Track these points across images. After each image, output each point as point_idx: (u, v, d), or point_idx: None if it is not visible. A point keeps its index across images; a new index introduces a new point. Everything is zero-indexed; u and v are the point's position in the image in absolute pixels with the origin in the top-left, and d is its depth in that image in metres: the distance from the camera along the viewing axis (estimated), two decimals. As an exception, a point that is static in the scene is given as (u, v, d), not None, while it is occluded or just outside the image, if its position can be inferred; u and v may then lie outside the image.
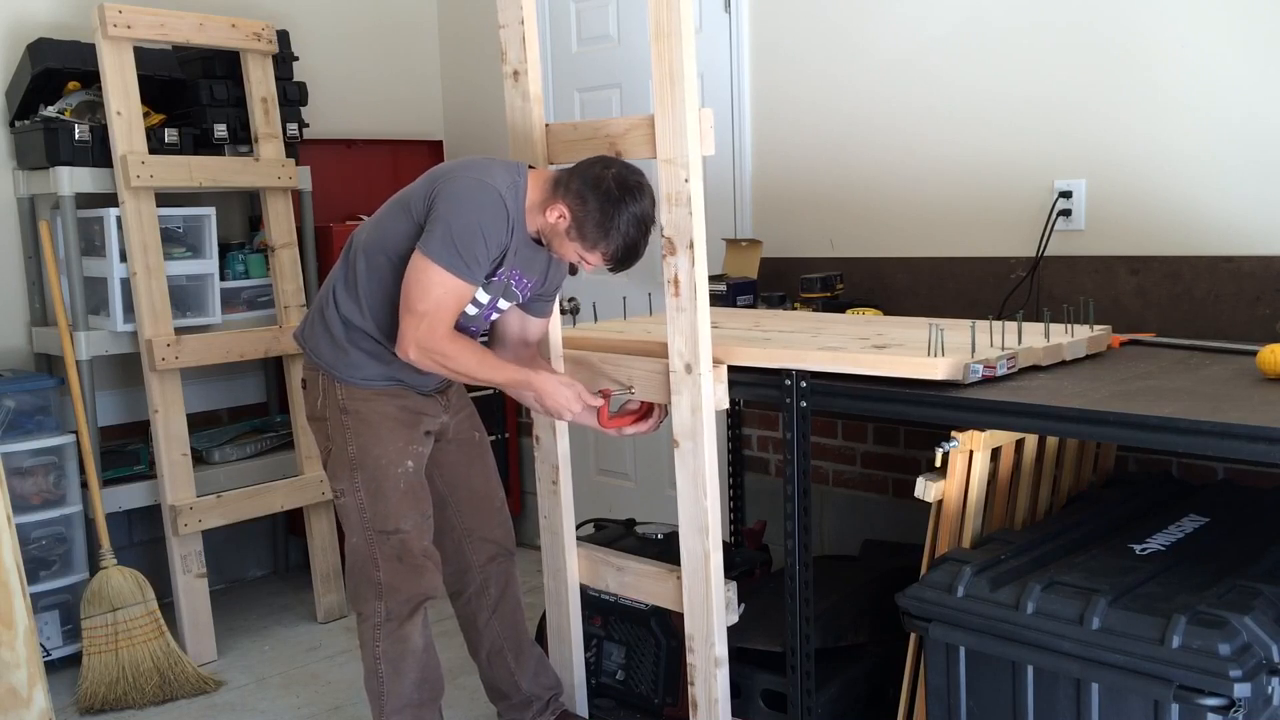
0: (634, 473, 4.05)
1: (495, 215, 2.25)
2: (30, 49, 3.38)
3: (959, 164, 3.04)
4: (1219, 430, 1.75)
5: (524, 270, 2.38)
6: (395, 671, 2.43)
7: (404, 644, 2.43)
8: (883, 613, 2.49)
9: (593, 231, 2.25)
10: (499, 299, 2.40)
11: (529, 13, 2.48)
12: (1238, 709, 1.72)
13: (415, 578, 2.41)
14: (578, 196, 2.24)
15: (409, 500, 2.41)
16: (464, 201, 2.24)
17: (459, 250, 2.21)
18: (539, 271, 2.43)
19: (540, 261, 2.42)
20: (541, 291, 2.50)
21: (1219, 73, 2.60)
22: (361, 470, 2.38)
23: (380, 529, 2.39)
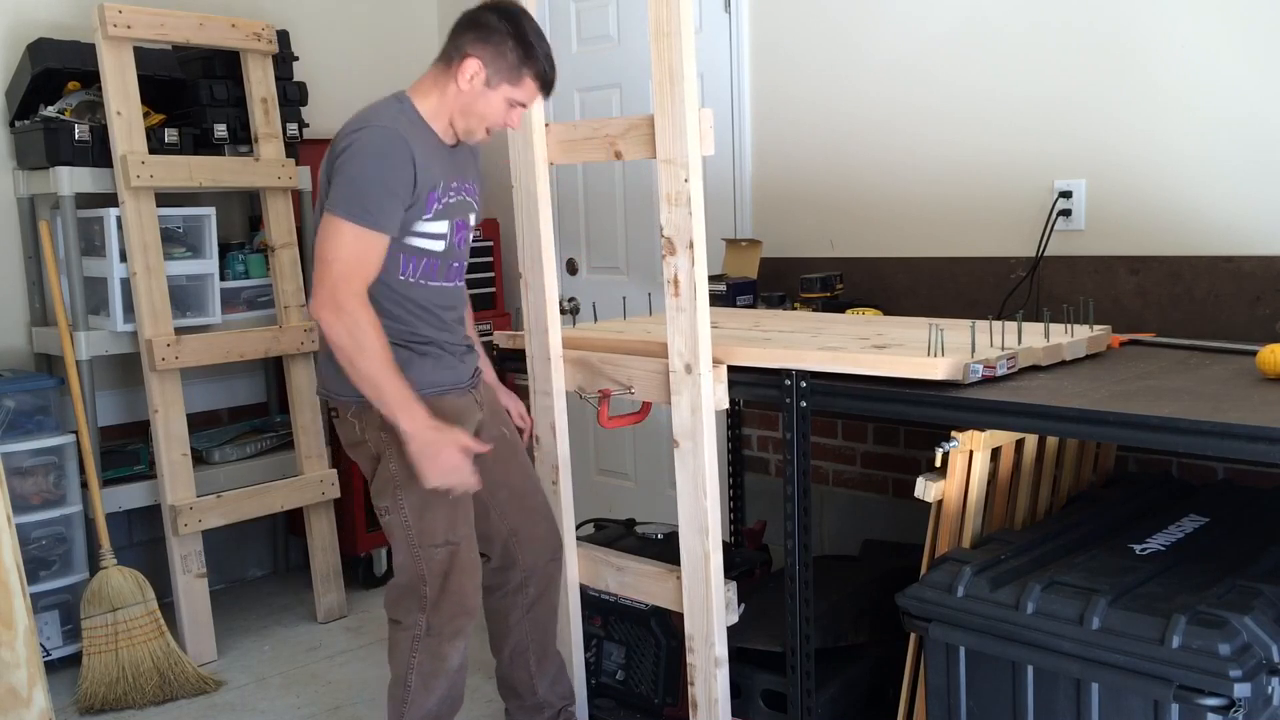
0: (634, 473, 4.05)
1: (388, 149, 2.18)
2: (30, 49, 3.38)
3: (959, 164, 3.05)
4: (1219, 430, 1.75)
5: (461, 176, 2.35)
6: (425, 687, 2.37)
7: (441, 662, 2.37)
8: (883, 613, 2.49)
9: (515, 57, 2.23)
10: (463, 218, 2.36)
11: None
12: (1238, 709, 1.72)
13: (459, 596, 2.35)
14: (479, 43, 2.22)
15: (460, 513, 2.34)
16: (356, 153, 2.17)
17: (361, 200, 2.15)
18: (474, 172, 2.41)
19: (470, 161, 2.40)
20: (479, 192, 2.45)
21: (1219, 73, 2.60)
22: (405, 487, 2.29)
23: (429, 543, 2.32)
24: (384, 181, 2.17)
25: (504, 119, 2.30)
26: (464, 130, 2.31)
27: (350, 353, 2.15)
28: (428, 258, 2.31)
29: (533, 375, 2.66)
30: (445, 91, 2.28)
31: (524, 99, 2.28)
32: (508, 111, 2.28)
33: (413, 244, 2.28)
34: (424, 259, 2.31)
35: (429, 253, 2.31)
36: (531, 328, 2.64)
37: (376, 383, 2.17)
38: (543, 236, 2.56)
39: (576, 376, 2.59)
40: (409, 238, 2.27)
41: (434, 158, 2.26)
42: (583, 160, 2.52)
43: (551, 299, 2.60)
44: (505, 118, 2.29)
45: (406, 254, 2.28)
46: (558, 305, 2.63)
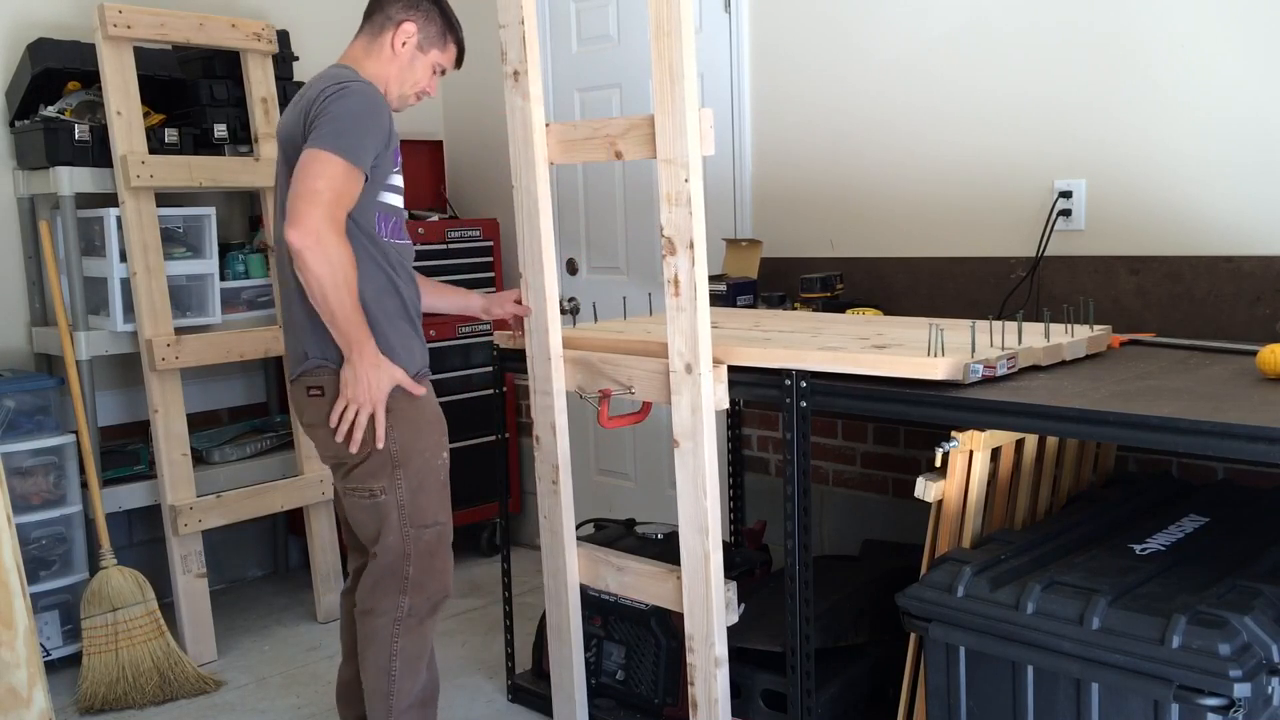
0: (634, 473, 4.05)
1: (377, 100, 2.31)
2: (30, 49, 3.38)
3: (959, 164, 3.05)
4: (1219, 430, 1.75)
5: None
6: (409, 670, 2.41)
7: (423, 641, 2.43)
8: (883, 613, 2.50)
9: (441, 24, 2.43)
10: None
11: (529, 13, 2.48)
12: (1238, 709, 1.72)
13: (442, 573, 2.45)
14: (410, 9, 2.39)
15: (445, 495, 2.46)
16: (346, 98, 2.26)
17: (350, 137, 2.22)
18: None
19: None
20: None
21: (1219, 73, 2.60)
22: (405, 467, 2.35)
23: (420, 523, 2.38)
24: (369, 128, 2.26)
25: (428, 84, 2.45)
26: (398, 97, 2.43)
27: (328, 283, 2.18)
28: (395, 215, 2.40)
29: (533, 375, 2.66)
30: (379, 58, 2.41)
31: (447, 64, 2.47)
32: (431, 78, 2.45)
33: (385, 200, 2.36)
34: (392, 216, 2.39)
35: (395, 209, 2.40)
36: (531, 328, 2.64)
37: (346, 312, 2.21)
38: (543, 236, 2.56)
39: (576, 376, 2.59)
40: (383, 193, 2.35)
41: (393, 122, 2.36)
42: (583, 160, 2.52)
43: (551, 299, 2.60)
44: (429, 84, 2.46)
45: (381, 212, 2.36)
46: (558, 305, 2.62)
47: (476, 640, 3.51)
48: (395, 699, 2.39)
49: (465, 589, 3.99)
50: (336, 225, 2.20)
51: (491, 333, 3.70)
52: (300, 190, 2.19)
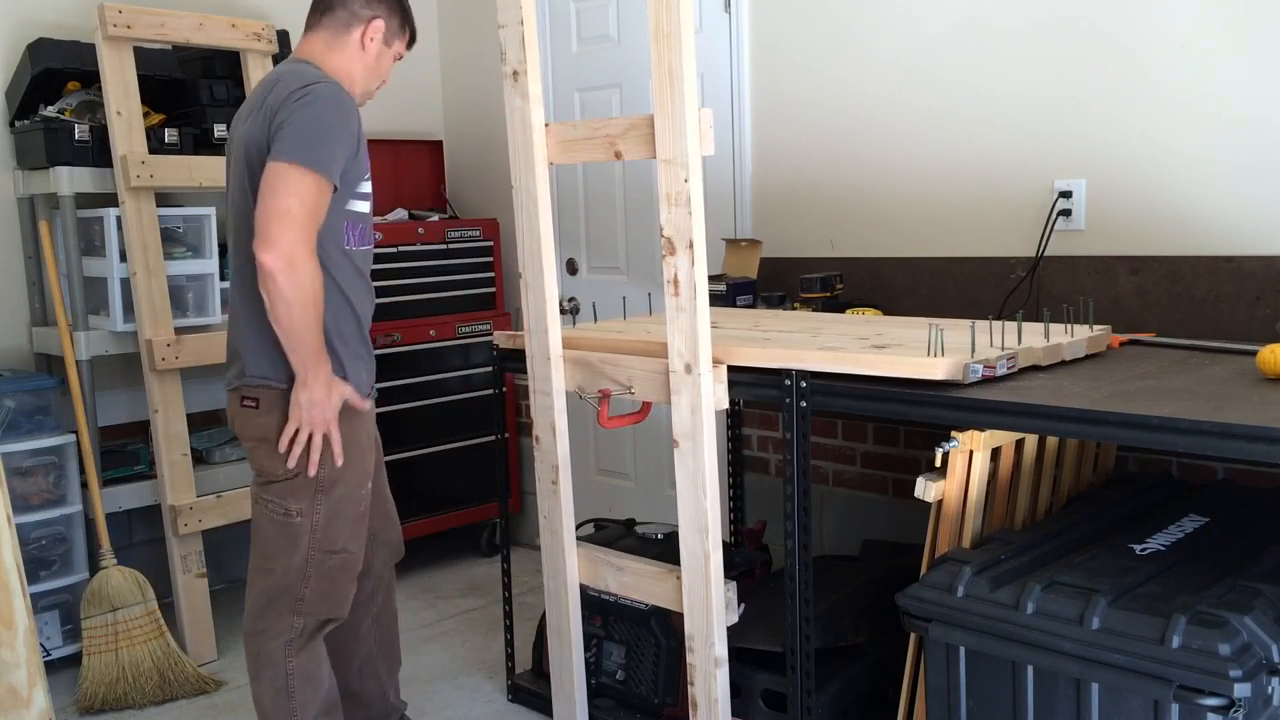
0: (634, 473, 4.05)
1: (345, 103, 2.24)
2: (30, 49, 3.38)
3: (959, 164, 3.05)
4: (1219, 430, 1.75)
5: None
6: (309, 683, 2.34)
7: (315, 654, 2.36)
8: (883, 613, 2.50)
9: (400, 15, 2.43)
10: None
11: (529, 13, 2.48)
12: (1238, 709, 1.72)
13: (340, 600, 2.36)
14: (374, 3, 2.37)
15: (358, 525, 2.37)
16: (313, 103, 2.18)
17: (320, 148, 2.15)
18: None
19: None
20: None
21: (1219, 72, 2.60)
22: (327, 493, 2.29)
23: (328, 549, 2.32)
24: (340, 137, 2.20)
25: (388, 75, 2.47)
26: (364, 92, 2.41)
27: (296, 307, 2.13)
28: (362, 222, 2.35)
29: (533, 375, 2.66)
30: (344, 54, 2.36)
31: (404, 52, 2.48)
32: (389, 68, 2.46)
33: (353, 208, 2.31)
34: (359, 223, 2.34)
35: (363, 215, 2.35)
36: (531, 328, 2.64)
37: (309, 337, 2.17)
38: (543, 236, 2.56)
39: (576, 376, 2.59)
40: (351, 201, 2.29)
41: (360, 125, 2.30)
42: (583, 160, 2.52)
43: (551, 299, 2.60)
44: (388, 73, 2.47)
45: (350, 220, 2.31)
46: (558, 305, 2.63)
47: (476, 640, 3.51)
48: (300, 713, 2.33)
49: (465, 589, 3.99)
50: (309, 246, 2.14)
51: (491, 333, 3.70)
52: (272, 209, 2.11)
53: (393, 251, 3.95)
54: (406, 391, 3.95)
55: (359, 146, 2.26)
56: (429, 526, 4.04)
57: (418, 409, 4.02)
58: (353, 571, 2.37)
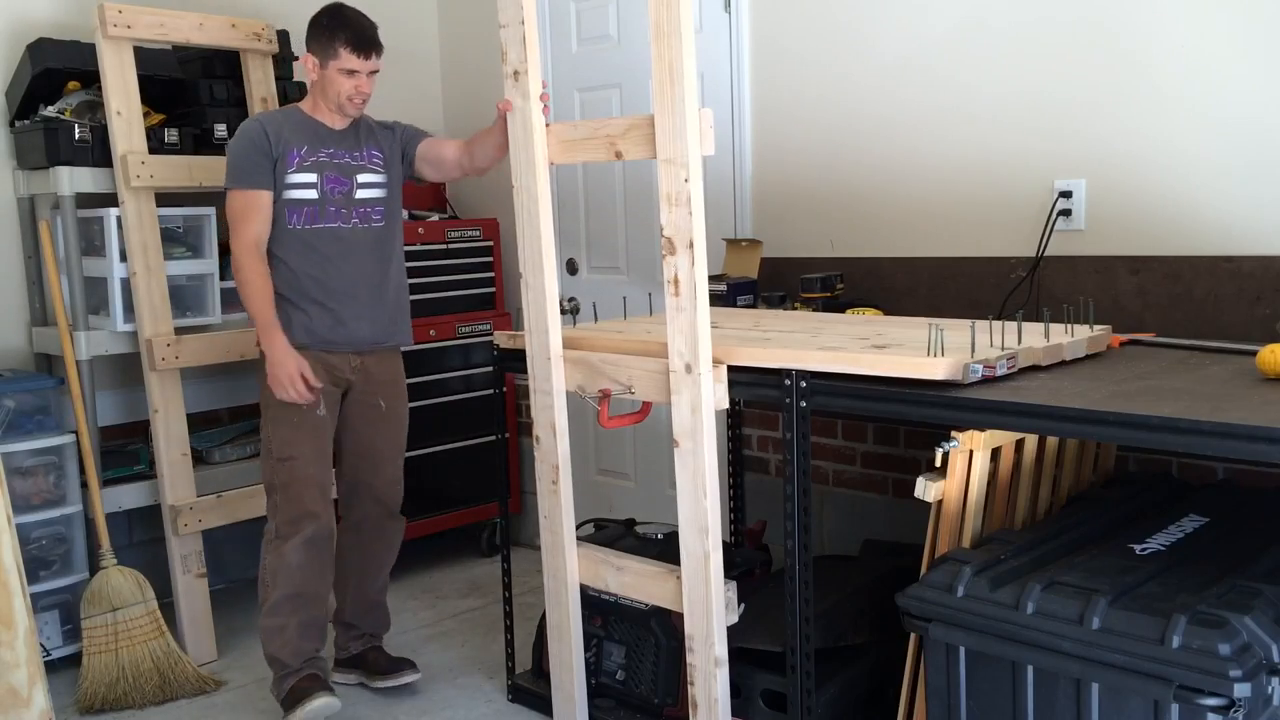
0: (634, 473, 4.05)
1: (245, 129, 2.90)
2: (30, 49, 3.38)
3: (959, 164, 3.05)
4: (1219, 430, 1.75)
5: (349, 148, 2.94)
6: (274, 582, 2.88)
7: (281, 559, 2.87)
8: (883, 613, 2.49)
9: (326, 36, 2.82)
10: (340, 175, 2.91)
11: (529, 13, 2.48)
12: (1238, 709, 1.72)
13: (298, 501, 2.86)
14: (309, 41, 2.86)
15: (303, 434, 2.87)
16: (230, 143, 2.92)
17: (234, 170, 2.86)
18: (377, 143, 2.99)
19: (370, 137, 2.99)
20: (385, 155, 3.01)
21: (1219, 73, 2.60)
22: (270, 408, 2.88)
23: (279, 456, 2.87)
24: (245, 152, 2.85)
25: (350, 85, 2.85)
26: (335, 108, 2.90)
27: (244, 297, 2.84)
28: (307, 206, 2.88)
29: (533, 375, 2.66)
30: (309, 88, 2.95)
31: (352, 65, 2.83)
32: (346, 80, 2.84)
33: (291, 196, 2.87)
34: (304, 207, 2.88)
35: (306, 201, 2.88)
36: (531, 328, 2.64)
37: (255, 313, 2.84)
38: (543, 236, 2.56)
39: (576, 376, 2.59)
40: (287, 191, 2.86)
41: (300, 131, 2.89)
42: (583, 160, 2.52)
43: (551, 299, 2.60)
44: (351, 84, 2.85)
45: (290, 206, 2.87)
46: (558, 305, 2.63)
47: (476, 640, 3.51)
48: (266, 604, 2.90)
49: (465, 589, 3.99)
50: (248, 247, 2.83)
51: (491, 333, 3.70)
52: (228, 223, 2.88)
53: (393, 251, 3.94)
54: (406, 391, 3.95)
55: (271, 148, 2.84)
56: (429, 526, 4.04)
57: (418, 409, 3.98)
58: (304, 478, 2.87)
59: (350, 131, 2.96)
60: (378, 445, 3.07)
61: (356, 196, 2.94)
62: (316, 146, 2.90)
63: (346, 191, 2.93)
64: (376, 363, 3.03)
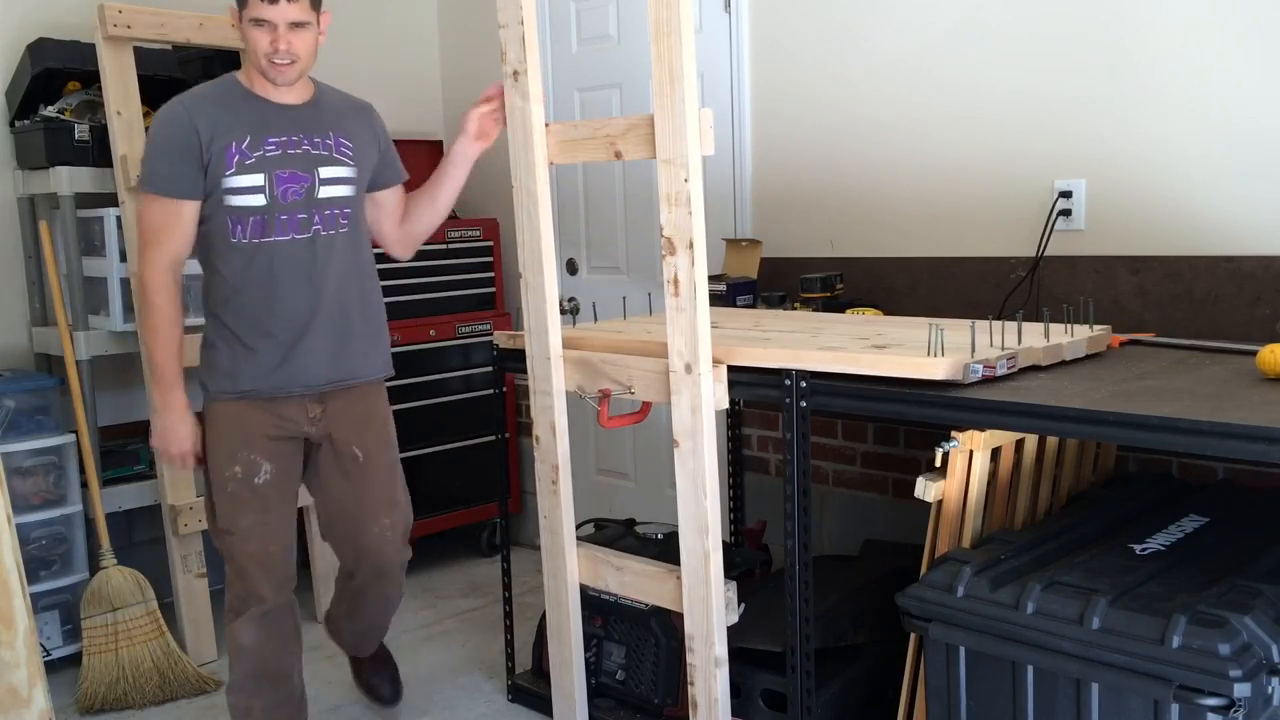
0: (634, 473, 4.05)
1: (165, 117, 2.35)
2: (30, 49, 3.38)
3: (959, 164, 3.05)
4: (1219, 430, 1.75)
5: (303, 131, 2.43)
6: (233, 658, 2.56)
7: (234, 637, 2.54)
8: (883, 613, 2.49)
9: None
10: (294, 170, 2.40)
11: (529, 13, 2.48)
12: (1238, 709, 1.72)
13: (242, 578, 2.50)
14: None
15: (241, 506, 2.45)
16: (150, 131, 2.41)
17: (151, 166, 2.33)
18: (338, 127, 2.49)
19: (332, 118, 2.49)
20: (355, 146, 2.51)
21: (1219, 72, 2.60)
22: (208, 481, 2.50)
23: (220, 526, 2.49)
24: (165, 150, 2.33)
25: (266, 41, 2.32)
26: (261, 71, 2.38)
27: (140, 328, 2.42)
28: (253, 215, 2.37)
29: (533, 375, 2.66)
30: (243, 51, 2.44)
31: (256, 13, 2.31)
32: (260, 34, 2.32)
33: (232, 203, 2.36)
34: (250, 216, 2.37)
35: (252, 209, 2.37)
36: (531, 328, 2.64)
37: (150, 354, 2.42)
38: (543, 236, 2.56)
39: (576, 376, 2.59)
40: (226, 197, 2.36)
41: (240, 116, 2.36)
42: (583, 160, 2.52)
43: (551, 299, 2.60)
44: (266, 39, 2.32)
45: (232, 216, 2.37)
46: (558, 305, 2.63)
47: (476, 640, 3.51)
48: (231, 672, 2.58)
49: (465, 589, 3.99)
50: (160, 271, 2.35)
51: (491, 333, 3.70)
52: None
53: (393, 251, 3.95)
54: (406, 391, 3.95)
55: (202, 143, 2.33)
56: (429, 526, 4.04)
57: (418, 409, 4.02)
58: (244, 555, 2.48)
59: (309, 110, 2.46)
60: (358, 504, 2.57)
61: (319, 195, 2.43)
62: (262, 135, 2.37)
63: (306, 190, 2.41)
64: (346, 404, 2.54)
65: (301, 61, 2.36)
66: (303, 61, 2.36)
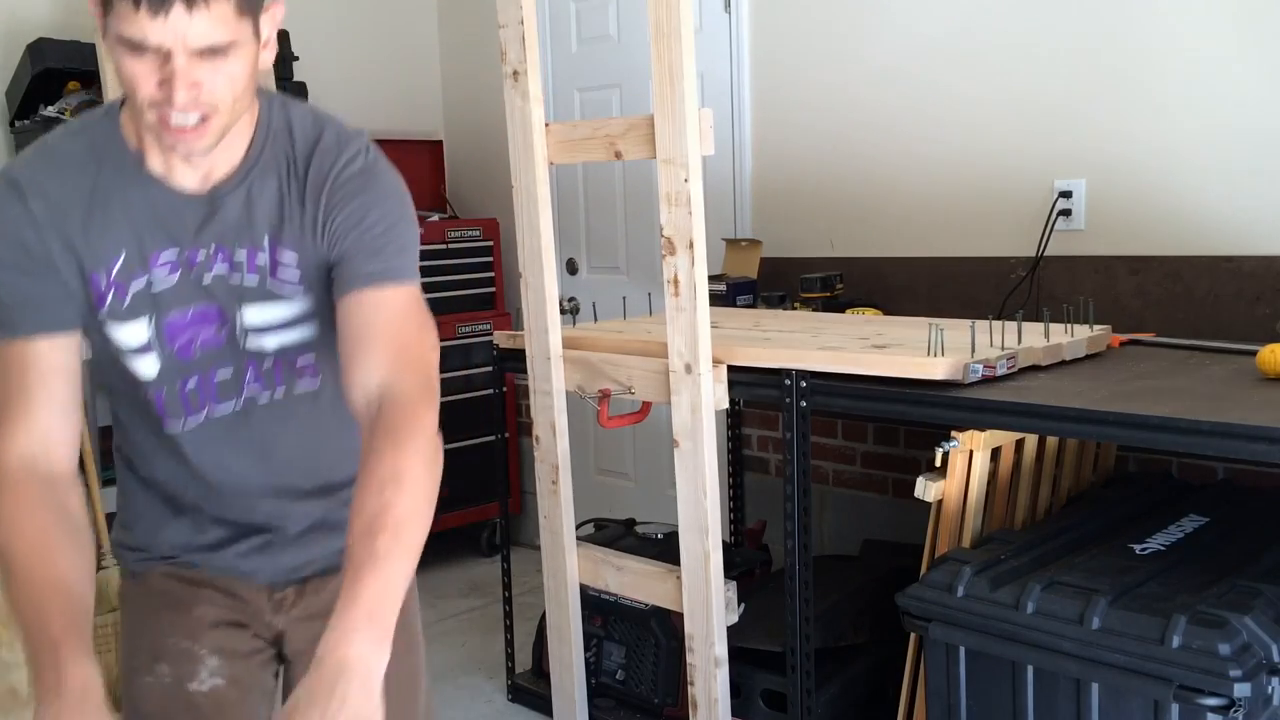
0: (634, 473, 4.05)
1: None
2: (30, 49, 3.38)
3: (959, 164, 3.04)
4: (1219, 430, 1.75)
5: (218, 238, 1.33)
6: None
7: None
8: (883, 613, 2.49)
9: None
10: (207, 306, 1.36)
11: (529, 13, 2.48)
12: (1238, 709, 1.72)
13: None
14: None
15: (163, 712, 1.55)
16: None
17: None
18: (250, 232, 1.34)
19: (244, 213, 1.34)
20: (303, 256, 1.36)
21: (1219, 73, 2.60)
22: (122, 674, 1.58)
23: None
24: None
25: (150, 88, 1.21)
26: (148, 128, 1.26)
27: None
28: (148, 388, 1.40)
29: (533, 375, 2.66)
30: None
31: (129, 31, 1.19)
32: (140, 72, 1.20)
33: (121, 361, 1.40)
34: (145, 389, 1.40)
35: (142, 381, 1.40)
36: (531, 328, 2.64)
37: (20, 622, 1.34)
38: (543, 236, 2.56)
39: (576, 376, 2.59)
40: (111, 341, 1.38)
41: (109, 209, 1.31)
42: (583, 160, 2.52)
43: (551, 299, 2.60)
44: (151, 85, 1.21)
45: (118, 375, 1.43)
46: (558, 305, 2.63)
47: (476, 640, 3.51)
48: None
49: (465, 589, 3.99)
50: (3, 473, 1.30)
51: (491, 333, 3.69)
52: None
53: (393, 251, 3.94)
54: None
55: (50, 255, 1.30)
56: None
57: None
58: None
59: (233, 195, 1.34)
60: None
61: (247, 346, 1.40)
62: (148, 246, 1.32)
63: (223, 338, 1.39)
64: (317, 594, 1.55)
65: (222, 114, 1.24)
66: (224, 114, 1.24)
